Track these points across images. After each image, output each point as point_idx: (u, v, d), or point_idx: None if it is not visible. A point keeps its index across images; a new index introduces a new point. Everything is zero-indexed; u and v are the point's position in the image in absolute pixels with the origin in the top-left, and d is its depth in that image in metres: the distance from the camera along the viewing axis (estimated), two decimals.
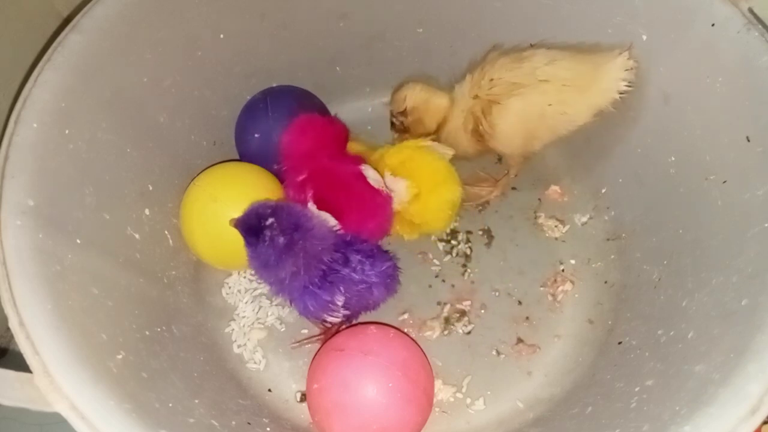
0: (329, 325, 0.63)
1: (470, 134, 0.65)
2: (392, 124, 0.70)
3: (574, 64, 0.61)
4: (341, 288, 0.56)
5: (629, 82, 0.59)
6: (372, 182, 0.62)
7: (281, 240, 0.52)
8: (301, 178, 0.63)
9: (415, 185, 0.63)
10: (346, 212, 0.61)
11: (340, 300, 0.56)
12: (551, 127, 0.63)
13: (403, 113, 0.68)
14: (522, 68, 0.61)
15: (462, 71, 0.69)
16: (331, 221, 0.59)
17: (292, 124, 0.64)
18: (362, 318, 0.64)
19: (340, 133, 0.66)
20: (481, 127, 0.64)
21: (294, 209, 0.55)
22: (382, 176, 0.64)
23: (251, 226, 0.53)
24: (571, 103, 0.61)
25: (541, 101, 0.61)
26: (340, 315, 0.59)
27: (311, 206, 0.61)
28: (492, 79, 0.62)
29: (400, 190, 0.63)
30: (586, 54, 0.61)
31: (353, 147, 0.68)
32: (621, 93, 0.59)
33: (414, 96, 0.67)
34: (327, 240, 0.56)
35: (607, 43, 0.62)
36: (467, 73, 0.66)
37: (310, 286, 0.55)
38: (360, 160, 0.64)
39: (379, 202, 0.63)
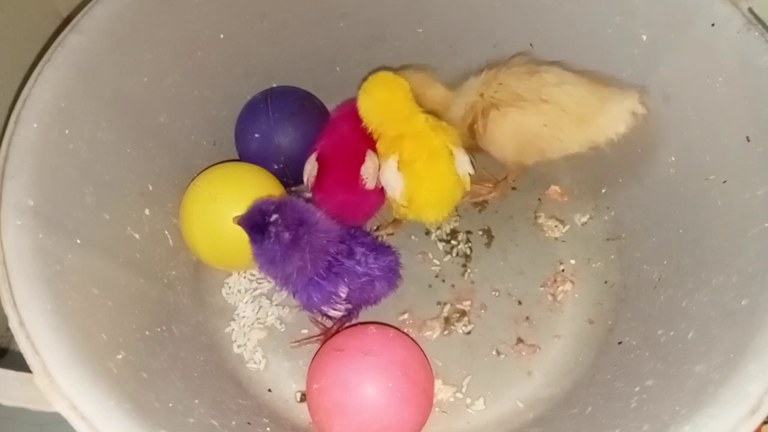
0: (330, 320, 0.63)
1: (466, 129, 0.65)
2: None
3: (581, 92, 0.60)
4: (345, 279, 0.56)
5: (630, 126, 0.58)
6: (362, 169, 0.63)
7: (286, 236, 0.52)
8: (323, 133, 0.67)
9: (407, 199, 0.63)
10: (329, 175, 0.64)
11: (343, 291, 0.57)
12: (542, 149, 0.63)
13: None
14: (529, 82, 0.61)
15: (462, 71, 0.69)
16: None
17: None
18: (362, 316, 0.64)
19: None
20: (475, 126, 0.64)
21: (297, 204, 0.55)
22: (389, 156, 0.62)
23: (256, 223, 0.53)
24: (566, 130, 0.60)
25: (537, 120, 0.61)
26: (342, 308, 0.59)
27: (312, 157, 0.65)
28: (501, 84, 0.62)
29: (394, 187, 0.62)
30: (599, 85, 0.60)
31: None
32: (619, 134, 0.59)
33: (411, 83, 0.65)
34: (332, 232, 0.56)
35: (625, 80, 0.61)
36: (486, 69, 0.65)
37: (315, 277, 0.55)
38: (373, 146, 0.65)
39: (359, 186, 0.63)
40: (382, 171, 0.63)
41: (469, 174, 0.64)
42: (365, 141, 0.64)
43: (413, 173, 0.62)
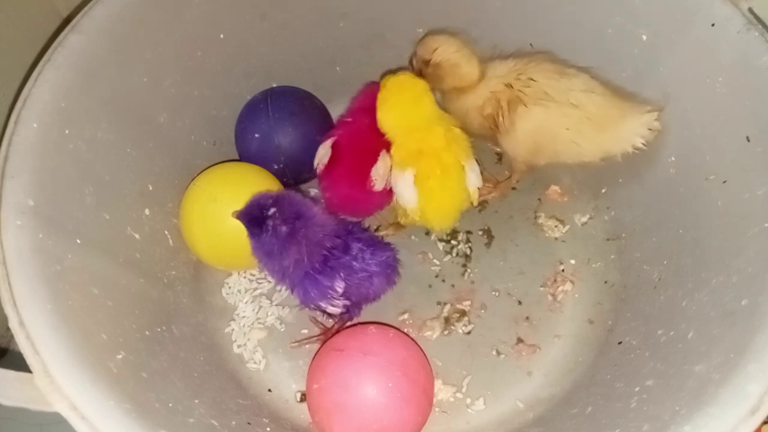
0: (329, 318, 0.63)
1: (484, 117, 0.65)
2: (411, 63, 0.67)
3: (606, 103, 0.60)
4: (341, 273, 0.57)
5: (645, 142, 0.59)
6: (373, 170, 0.63)
7: (284, 229, 0.53)
8: (342, 121, 0.67)
9: (418, 211, 0.63)
10: (340, 166, 0.64)
11: (340, 286, 0.57)
12: (558, 151, 0.64)
13: (426, 63, 0.64)
14: (559, 83, 0.61)
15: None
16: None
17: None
18: (362, 316, 0.64)
19: None
20: (500, 119, 0.63)
21: (295, 198, 0.55)
22: (406, 169, 0.62)
23: (254, 216, 0.54)
24: (585, 137, 0.61)
25: (560, 122, 0.61)
26: (340, 305, 0.59)
27: (327, 143, 0.64)
28: (531, 79, 0.62)
29: (408, 201, 0.62)
30: (621, 98, 0.61)
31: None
32: (635, 148, 0.59)
33: (445, 54, 0.63)
34: (327, 226, 0.57)
35: (645, 95, 0.62)
36: (510, 57, 0.65)
37: (311, 271, 0.56)
38: (389, 147, 0.64)
39: (367, 184, 0.63)
40: (396, 182, 0.63)
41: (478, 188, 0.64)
42: (382, 140, 0.64)
43: (426, 189, 0.62)
